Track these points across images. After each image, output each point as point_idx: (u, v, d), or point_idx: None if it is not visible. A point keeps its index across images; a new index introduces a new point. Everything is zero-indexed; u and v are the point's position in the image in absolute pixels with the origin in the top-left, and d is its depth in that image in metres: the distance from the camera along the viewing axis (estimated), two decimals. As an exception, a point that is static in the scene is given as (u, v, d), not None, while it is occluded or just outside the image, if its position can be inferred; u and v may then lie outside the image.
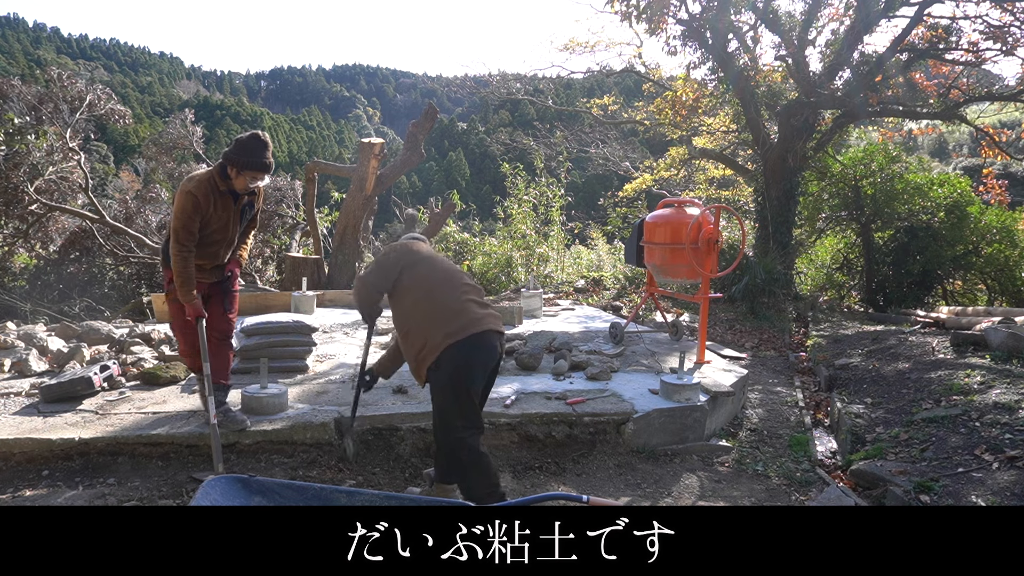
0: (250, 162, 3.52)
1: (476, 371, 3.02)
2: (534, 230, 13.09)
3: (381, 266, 3.20)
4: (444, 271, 3.22)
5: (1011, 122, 19.93)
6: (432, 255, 3.30)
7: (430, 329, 2.98)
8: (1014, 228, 11.03)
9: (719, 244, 5.65)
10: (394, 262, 3.17)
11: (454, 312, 3.02)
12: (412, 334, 3.05)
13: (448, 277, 3.18)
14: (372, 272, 3.21)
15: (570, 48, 14.97)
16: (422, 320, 3.03)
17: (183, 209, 3.46)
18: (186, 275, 3.50)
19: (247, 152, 3.51)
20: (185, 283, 3.50)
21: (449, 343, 2.92)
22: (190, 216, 3.46)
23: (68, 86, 11.22)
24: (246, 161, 3.51)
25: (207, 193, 3.50)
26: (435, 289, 3.10)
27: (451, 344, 2.92)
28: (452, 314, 3.01)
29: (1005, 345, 5.64)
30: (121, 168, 40.01)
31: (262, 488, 2.17)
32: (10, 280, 11.73)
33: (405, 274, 3.12)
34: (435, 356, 2.93)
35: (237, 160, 3.51)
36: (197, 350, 3.66)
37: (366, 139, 9.99)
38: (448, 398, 3.00)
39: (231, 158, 3.52)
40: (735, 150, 14.39)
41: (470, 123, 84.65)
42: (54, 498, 3.20)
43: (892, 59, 10.38)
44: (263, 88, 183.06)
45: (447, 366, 2.94)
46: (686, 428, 4.44)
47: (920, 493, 3.62)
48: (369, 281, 3.19)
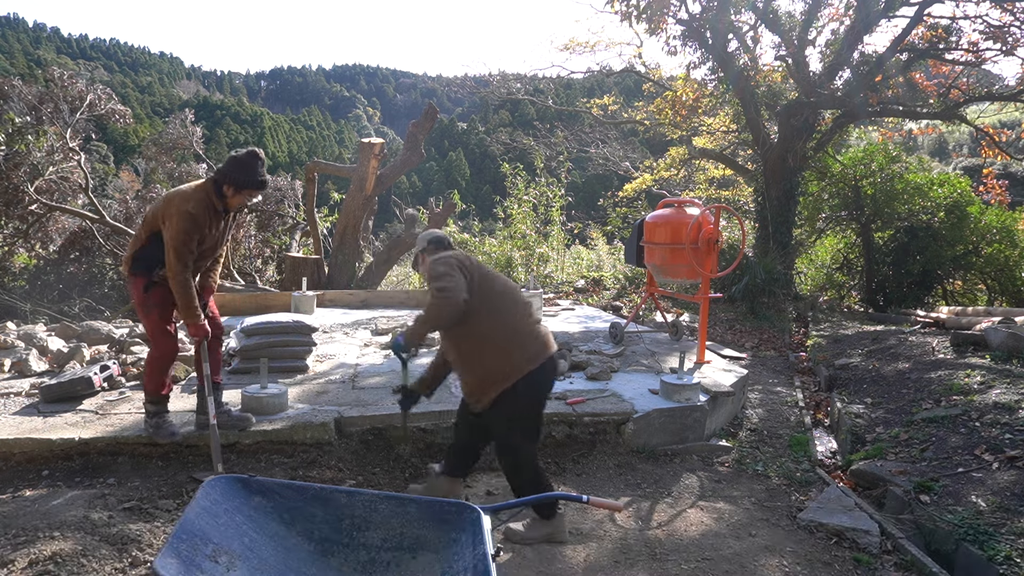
0: (250, 181, 3.44)
1: (547, 393, 3.11)
2: (534, 230, 13.10)
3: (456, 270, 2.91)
4: (507, 287, 3.12)
5: (1011, 122, 19.93)
6: (488, 268, 3.19)
7: (512, 352, 2.92)
8: (1014, 228, 11.03)
9: (719, 244, 5.64)
10: (468, 269, 2.97)
11: (531, 335, 3.01)
12: (486, 353, 2.93)
13: (514, 295, 3.10)
14: (448, 277, 2.87)
15: (570, 48, 14.98)
16: (501, 341, 2.93)
17: (183, 230, 3.30)
18: (190, 296, 3.39)
19: (246, 171, 3.42)
20: (190, 304, 3.39)
21: (530, 368, 2.92)
22: (190, 235, 3.33)
23: (68, 86, 11.22)
24: (246, 180, 3.42)
25: (204, 211, 3.36)
26: (509, 309, 3.01)
27: (532, 370, 2.93)
28: (530, 337, 3.00)
29: (1005, 345, 5.64)
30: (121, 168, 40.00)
31: (262, 488, 2.17)
32: (10, 280, 11.73)
33: (477, 286, 2.96)
34: (513, 381, 2.91)
35: (237, 179, 3.40)
36: (170, 362, 3.64)
37: (366, 139, 9.99)
38: (528, 420, 3.05)
39: (231, 177, 3.40)
40: (735, 150, 14.39)
41: (470, 123, 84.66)
42: (54, 498, 3.20)
43: (892, 59, 10.38)
44: (263, 88, 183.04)
45: (528, 391, 2.94)
46: (686, 428, 4.44)
47: (920, 493, 3.63)
48: (456, 287, 2.84)
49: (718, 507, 3.64)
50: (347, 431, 4.01)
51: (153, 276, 3.48)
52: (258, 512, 2.12)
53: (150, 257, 3.46)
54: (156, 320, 3.52)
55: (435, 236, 3.26)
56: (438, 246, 3.20)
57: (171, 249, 3.31)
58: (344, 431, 4.01)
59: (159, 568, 1.68)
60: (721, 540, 3.28)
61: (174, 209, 3.31)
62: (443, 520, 2.09)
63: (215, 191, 3.42)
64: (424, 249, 3.23)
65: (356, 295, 8.83)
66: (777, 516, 3.58)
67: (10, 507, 3.08)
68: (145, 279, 3.47)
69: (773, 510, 3.65)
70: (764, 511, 3.63)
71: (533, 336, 3.01)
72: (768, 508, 3.68)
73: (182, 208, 3.30)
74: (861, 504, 3.60)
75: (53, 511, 3.01)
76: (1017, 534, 3.10)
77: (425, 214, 12.32)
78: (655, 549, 3.15)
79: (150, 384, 3.63)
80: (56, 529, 2.81)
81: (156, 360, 3.61)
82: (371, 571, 2.13)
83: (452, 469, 3.35)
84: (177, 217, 3.29)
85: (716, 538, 3.30)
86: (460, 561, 1.96)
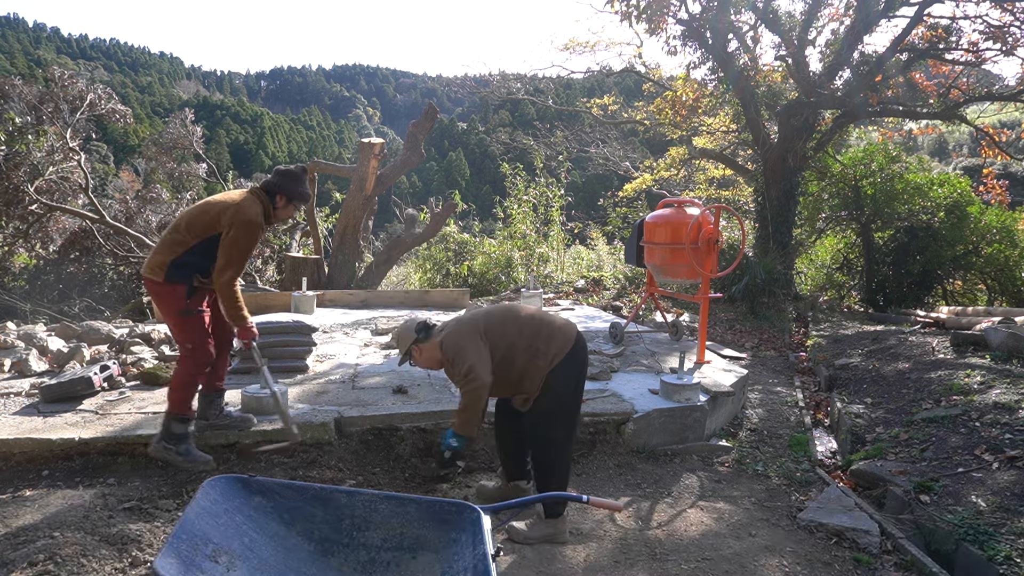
0: (303, 193, 3.49)
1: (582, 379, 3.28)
2: (534, 230, 13.10)
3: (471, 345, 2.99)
4: (507, 314, 3.21)
5: (1011, 122, 19.94)
6: (486, 308, 3.25)
7: (538, 363, 3.07)
8: (1014, 228, 11.04)
9: (719, 244, 5.64)
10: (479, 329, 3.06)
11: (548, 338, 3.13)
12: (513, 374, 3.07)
13: (515, 315, 3.19)
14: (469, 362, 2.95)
15: (570, 48, 14.98)
16: (523, 363, 3.06)
17: (252, 240, 3.32)
18: (241, 301, 3.38)
19: (299, 183, 3.46)
20: (242, 308, 3.38)
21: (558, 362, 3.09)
22: (253, 245, 3.36)
23: (69, 86, 11.22)
24: (300, 192, 3.47)
25: (263, 223, 3.39)
26: (518, 331, 3.11)
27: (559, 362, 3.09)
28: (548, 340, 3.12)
29: (1005, 345, 5.64)
30: (121, 168, 40.03)
31: (262, 488, 2.17)
32: (10, 280, 11.73)
33: (489, 339, 3.05)
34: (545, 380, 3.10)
35: (290, 191, 3.43)
36: (203, 375, 3.54)
37: (366, 139, 10.00)
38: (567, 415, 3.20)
39: (285, 189, 3.42)
40: (735, 150, 14.39)
41: (470, 123, 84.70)
42: (54, 498, 3.20)
43: (892, 59, 10.38)
44: (263, 88, 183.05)
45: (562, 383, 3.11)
46: (686, 428, 4.44)
47: (920, 493, 3.63)
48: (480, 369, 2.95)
49: (718, 507, 3.64)
50: (347, 431, 4.01)
51: (194, 282, 3.38)
52: (258, 512, 2.13)
53: (193, 264, 3.34)
54: (199, 329, 3.40)
55: (419, 324, 3.13)
56: (428, 332, 3.11)
57: (233, 257, 3.28)
58: (344, 431, 4.00)
59: (159, 568, 1.68)
60: (721, 540, 3.28)
61: (242, 219, 3.27)
62: (443, 520, 2.09)
63: (269, 202, 3.42)
64: (416, 341, 3.10)
65: (356, 295, 8.84)
66: (777, 516, 3.58)
67: (10, 507, 3.08)
68: (187, 286, 3.35)
69: (773, 510, 3.65)
70: (764, 511, 3.63)
71: (550, 337, 3.07)
72: (768, 508, 3.68)
73: (251, 218, 3.29)
74: (861, 504, 3.60)
75: (53, 511, 3.01)
76: (1017, 534, 3.10)
77: (426, 214, 12.32)
78: (655, 549, 3.15)
79: (181, 402, 3.43)
80: (56, 529, 2.81)
81: (192, 373, 3.45)
82: (371, 571, 2.13)
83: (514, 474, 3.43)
84: (246, 227, 3.27)
85: (716, 538, 3.30)
86: (460, 561, 1.96)
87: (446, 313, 8.46)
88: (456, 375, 3.01)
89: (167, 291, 3.35)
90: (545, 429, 3.10)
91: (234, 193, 3.45)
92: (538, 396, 3.06)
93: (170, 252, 3.32)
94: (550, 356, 3.03)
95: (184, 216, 3.42)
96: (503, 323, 3.12)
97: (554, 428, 3.09)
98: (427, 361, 3.15)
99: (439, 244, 12.67)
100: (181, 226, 3.35)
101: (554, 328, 3.12)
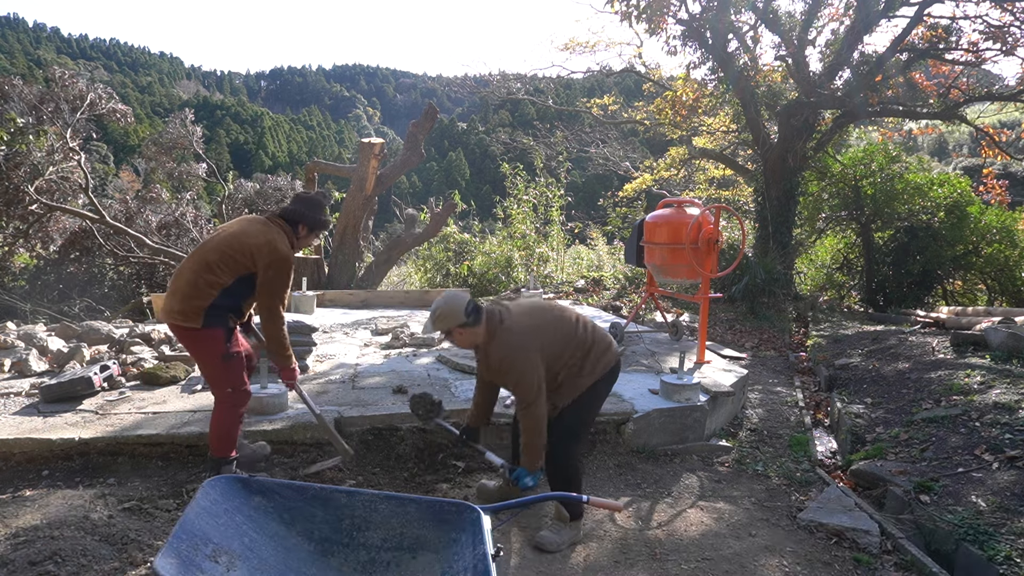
0: (324, 222, 3.44)
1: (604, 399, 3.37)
2: (534, 230, 13.10)
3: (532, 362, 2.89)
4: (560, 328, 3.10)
5: (1011, 122, 19.94)
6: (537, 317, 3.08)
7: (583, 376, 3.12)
8: (1014, 228, 11.04)
9: (719, 244, 5.64)
10: (538, 340, 2.95)
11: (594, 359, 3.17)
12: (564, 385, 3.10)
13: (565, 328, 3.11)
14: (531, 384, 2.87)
15: (570, 48, 14.99)
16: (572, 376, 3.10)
17: (289, 276, 3.23)
18: (287, 343, 3.33)
19: (321, 211, 3.40)
20: (288, 349, 3.33)
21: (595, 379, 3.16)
22: (290, 280, 3.26)
23: (69, 86, 11.21)
24: (323, 221, 3.41)
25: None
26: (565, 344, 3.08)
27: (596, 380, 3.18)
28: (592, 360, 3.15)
29: (1005, 345, 5.64)
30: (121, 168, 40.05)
31: (262, 488, 2.17)
32: (10, 280, 11.73)
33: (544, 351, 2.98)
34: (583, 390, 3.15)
35: (315, 220, 3.36)
36: (245, 405, 3.39)
37: (366, 139, 9.99)
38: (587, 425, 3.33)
39: (308, 218, 3.33)
40: (735, 150, 14.39)
41: (470, 123, 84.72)
42: (54, 498, 3.20)
43: (892, 59, 10.38)
44: (263, 88, 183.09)
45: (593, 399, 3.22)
46: (686, 428, 4.44)
47: (920, 493, 3.63)
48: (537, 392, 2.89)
49: (718, 507, 3.64)
50: (347, 431, 4.01)
51: (230, 323, 3.26)
52: (258, 512, 2.12)
53: (227, 305, 3.21)
54: (240, 371, 3.28)
55: (470, 307, 2.86)
56: (478, 317, 2.88)
57: (275, 296, 3.20)
58: (344, 431, 4.00)
59: (159, 568, 1.68)
60: (721, 540, 3.28)
61: (278, 257, 3.16)
62: (443, 520, 2.09)
63: (291, 232, 3.31)
64: (464, 324, 2.85)
65: (356, 295, 8.84)
66: (777, 516, 3.58)
67: (10, 507, 3.08)
68: (224, 329, 3.20)
69: (773, 510, 3.65)
70: (764, 511, 3.63)
71: (598, 358, 3.09)
72: (768, 508, 3.68)
73: (286, 256, 3.19)
74: (861, 504, 3.60)
75: (53, 511, 3.01)
76: (1017, 534, 3.10)
77: (426, 214, 12.32)
78: (655, 549, 3.15)
79: (229, 446, 3.32)
80: (56, 529, 2.81)
81: (235, 416, 3.31)
82: (371, 571, 2.13)
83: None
84: (284, 264, 3.17)
85: (716, 538, 3.30)
86: (460, 561, 1.96)
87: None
88: (508, 385, 2.98)
89: (206, 336, 3.17)
90: (568, 436, 3.11)
91: (257, 225, 3.27)
92: (568, 406, 3.08)
93: (206, 296, 3.13)
94: (595, 375, 3.07)
95: (213, 253, 3.17)
96: (556, 334, 3.02)
97: (577, 436, 3.14)
98: (466, 342, 2.96)
99: (439, 244, 12.67)
100: (213, 265, 3.14)
101: (602, 347, 3.13)
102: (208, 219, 14.63)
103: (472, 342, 2.95)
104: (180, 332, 3.22)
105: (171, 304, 3.17)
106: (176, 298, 3.15)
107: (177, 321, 3.15)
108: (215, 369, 3.25)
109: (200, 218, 13.77)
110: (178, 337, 3.27)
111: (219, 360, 3.21)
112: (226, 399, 3.28)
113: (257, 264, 3.14)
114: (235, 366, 3.27)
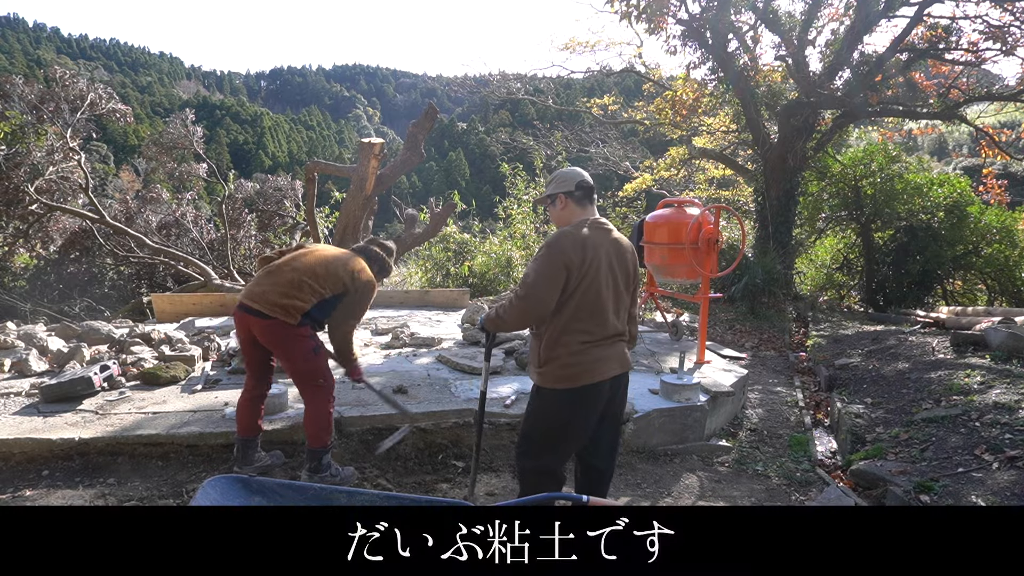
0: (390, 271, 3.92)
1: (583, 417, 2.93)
2: (534, 230, 13.10)
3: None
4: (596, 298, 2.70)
5: (1011, 122, 19.90)
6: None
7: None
8: (1014, 228, 11.05)
9: (719, 244, 5.64)
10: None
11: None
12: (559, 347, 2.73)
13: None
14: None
15: (570, 48, 14.99)
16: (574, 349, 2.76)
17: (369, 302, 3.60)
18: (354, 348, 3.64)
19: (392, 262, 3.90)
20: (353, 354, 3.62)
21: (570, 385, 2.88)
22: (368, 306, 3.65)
23: (70, 85, 11.21)
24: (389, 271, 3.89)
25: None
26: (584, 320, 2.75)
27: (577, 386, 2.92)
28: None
29: (1005, 345, 5.64)
30: (121, 168, 40.04)
31: (262, 488, 2.17)
32: (10, 280, 11.73)
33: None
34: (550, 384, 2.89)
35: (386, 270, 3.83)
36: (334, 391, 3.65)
37: (366, 139, 9.97)
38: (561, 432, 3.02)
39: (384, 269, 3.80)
40: (735, 150, 14.40)
41: (470, 123, 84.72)
42: (54, 498, 3.20)
43: (892, 59, 10.38)
44: (263, 88, 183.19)
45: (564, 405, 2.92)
46: (686, 428, 4.44)
47: (920, 493, 3.62)
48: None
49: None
50: (347, 431, 4.01)
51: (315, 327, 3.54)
52: (258, 512, 2.12)
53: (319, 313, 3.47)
54: (327, 362, 3.52)
55: (583, 182, 2.73)
56: (586, 195, 2.74)
57: (354, 315, 3.53)
58: (344, 431, 4.01)
59: (159, 568, 1.68)
60: (721, 540, 3.28)
61: (369, 284, 3.55)
62: (443, 520, 2.09)
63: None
64: (571, 194, 2.72)
65: (356, 295, 8.82)
66: (777, 516, 3.58)
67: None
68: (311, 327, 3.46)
69: (773, 510, 3.66)
70: (764, 511, 3.64)
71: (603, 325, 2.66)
72: (768, 508, 3.68)
73: (374, 284, 3.61)
74: (861, 504, 3.59)
75: (53, 511, 3.02)
76: (1017, 534, 3.09)
77: (426, 214, 12.32)
78: (655, 549, 3.15)
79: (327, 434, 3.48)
80: (56, 529, 2.81)
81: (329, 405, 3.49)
82: (371, 571, 2.13)
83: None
84: (370, 290, 3.56)
85: (716, 538, 3.29)
86: (460, 561, 1.96)
87: (446, 313, 8.47)
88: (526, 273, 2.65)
89: (298, 333, 3.35)
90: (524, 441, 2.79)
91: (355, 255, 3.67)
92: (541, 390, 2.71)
93: (308, 301, 3.37)
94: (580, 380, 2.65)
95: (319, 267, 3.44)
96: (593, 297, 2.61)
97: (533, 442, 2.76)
98: (556, 215, 2.79)
99: (439, 244, 12.67)
100: (320, 277, 3.41)
101: (608, 325, 2.68)
102: (208, 219, 14.64)
103: (558, 219, 2.77)
104: (271, 326, 3.32)
105: (270, 296, 3.32)
106: (276, 292, 3.33)
107: (276, 315, 3.29)
108: (306, 363, 3.40)
109: (200, 218, 13.78)
110: (264, 333, 3.35)
111: (310, 353, 3.40)
112: (320, 391, 3.45)
113: (350, 286, 3.46)
114: (323, 357, 3.49)
